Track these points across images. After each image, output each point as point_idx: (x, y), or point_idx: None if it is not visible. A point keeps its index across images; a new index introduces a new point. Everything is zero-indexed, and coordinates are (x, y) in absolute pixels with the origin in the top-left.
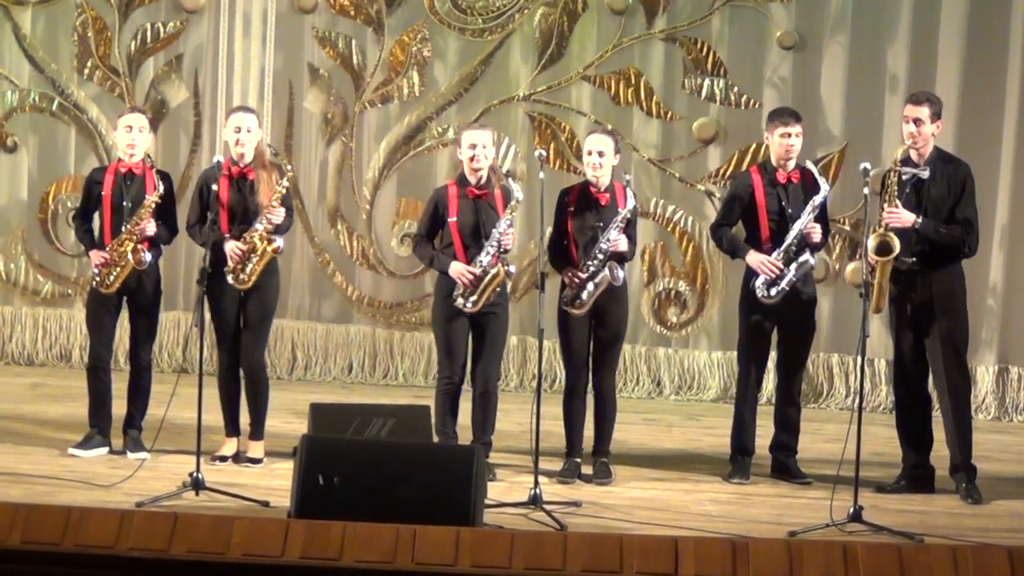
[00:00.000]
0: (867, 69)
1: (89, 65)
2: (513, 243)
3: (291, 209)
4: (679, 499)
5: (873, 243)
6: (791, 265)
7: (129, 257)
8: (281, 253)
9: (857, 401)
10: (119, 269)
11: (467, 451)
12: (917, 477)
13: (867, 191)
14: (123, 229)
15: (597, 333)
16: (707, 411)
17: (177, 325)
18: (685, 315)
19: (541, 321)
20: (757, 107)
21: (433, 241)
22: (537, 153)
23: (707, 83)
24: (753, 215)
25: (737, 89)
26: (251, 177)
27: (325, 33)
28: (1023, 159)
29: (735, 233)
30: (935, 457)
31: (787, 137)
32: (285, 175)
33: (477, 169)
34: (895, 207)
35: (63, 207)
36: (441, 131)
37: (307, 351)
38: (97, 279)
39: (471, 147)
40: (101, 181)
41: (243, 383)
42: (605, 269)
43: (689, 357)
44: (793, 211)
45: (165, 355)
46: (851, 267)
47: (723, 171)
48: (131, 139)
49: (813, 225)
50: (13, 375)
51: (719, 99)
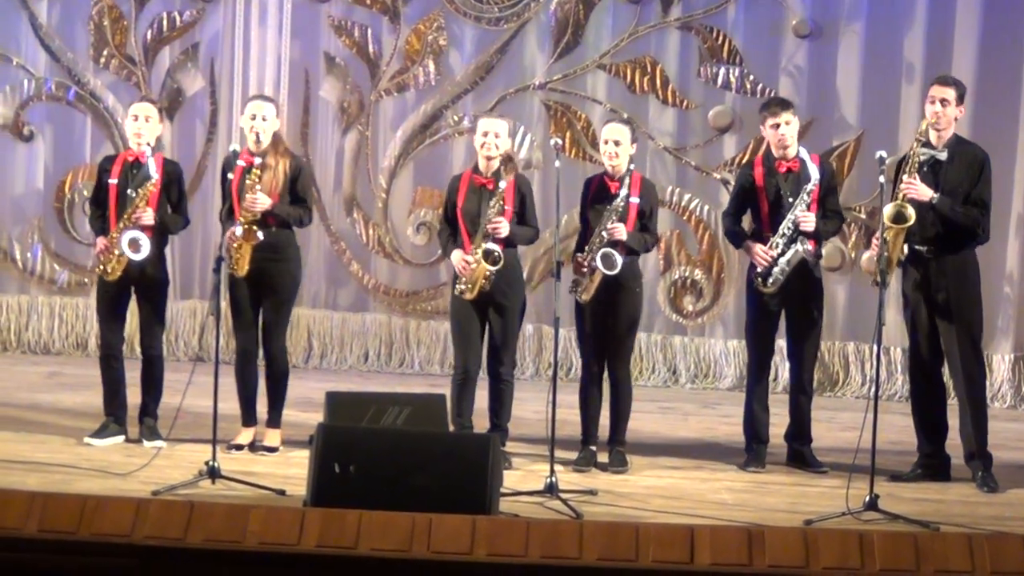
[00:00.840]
0: (883, 57)
1: (105, 54)
2: (505, 231)
3: (302, 200)
4: (695, 487)
5: (890, 211)
6: (786, 254)
7: (124, 246)
8: (259, 240)
9: (873, 389)
10: (115, 258)
11: (483, 440)
12: (933, 465)
13: (883, 179)
14: (122, 218)
15: (610, 322)
16: (723, 399)
17: (193, 314)
18: (701, 303)
19: (557, 309)
20: (773, 95)
21: (455, 227)
22: (553, 142)
23: (723, 71)
24: (755, 205)
25: (753, 77)
26: (257, 166)
27: (341, 22)
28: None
29: (743, 224)
30: (951, 445)
31: (776, 128)
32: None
33: (488, 157)
34: (914, 179)
35: (79, 196)
36: (457, 120)
37: (323, 340)
38: (100, 267)
39: (483, 135)
40: (110, 169)
41: (262, 371)
42: (598, 257)
43: (705, 345)
44: (793, 200)
45: (181, 343)
46: (867, 255)
47: (738, 159)
48: (138, 128)
49: (805, 214)
50: (30, 364)
51: (735, 87)
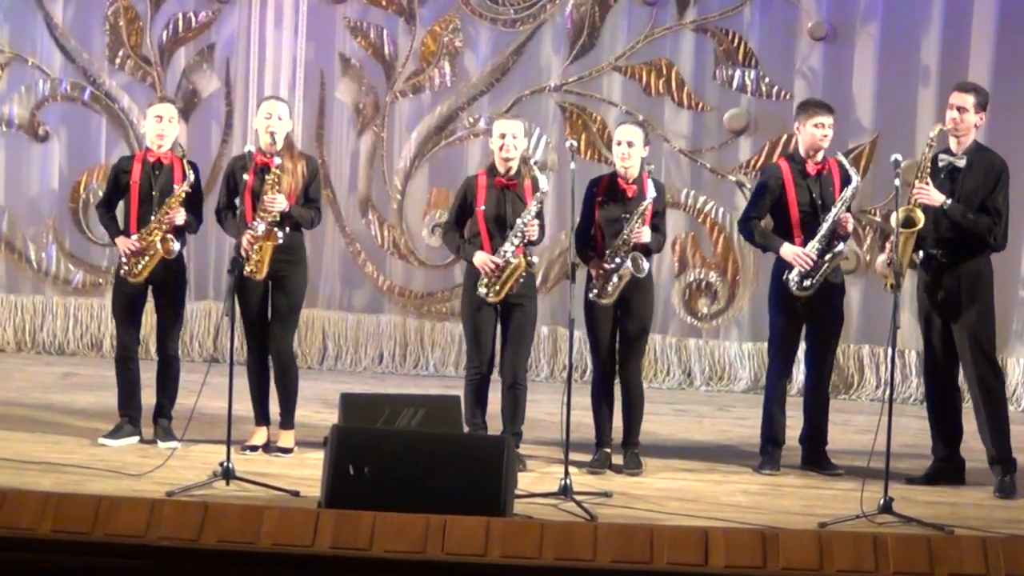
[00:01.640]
0: (898, 60)
1: (121, 55)
2: (539, 234)
3: (313, 201)
4: (709, 490)
5: (900, 216)
6: (825, 256)
7: (158, 246)
8: (280, 242)
9: (888, 392)
10: (147, 258)
11: (497, 441)
12: (947, 468)
13: (898, 183)
14: (152, 218)
15: (623, 324)
16: (737, 402)
17: (208, 315)
18: (716, 306)
19: (572, 311)
20: (788, 98)
21: (462, 230)
22: (568, 144)
23: (738, 74)
24: (783, 207)
25: (768, 80)
26: (273, 166)
27: (357, 23)
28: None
29: (765, 226)
30: (965, 449)
31: (820, 128)
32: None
33: (507, 159)
34: (926, 184)
35: (94, 196)
36: (472, 121)
37: (338, 341)
38: (125, 267)
39: (501, 136)
40: (129, 170)
41: (272, 372)
42: (628, 261)
43: (720, 348)
44: (824, 202)
45: (196, 345)
46: (881, 259)
47: (754, 162)
48: (160, 129)
49: (846, 215)
50: (44, 364)
51: (750, 90)
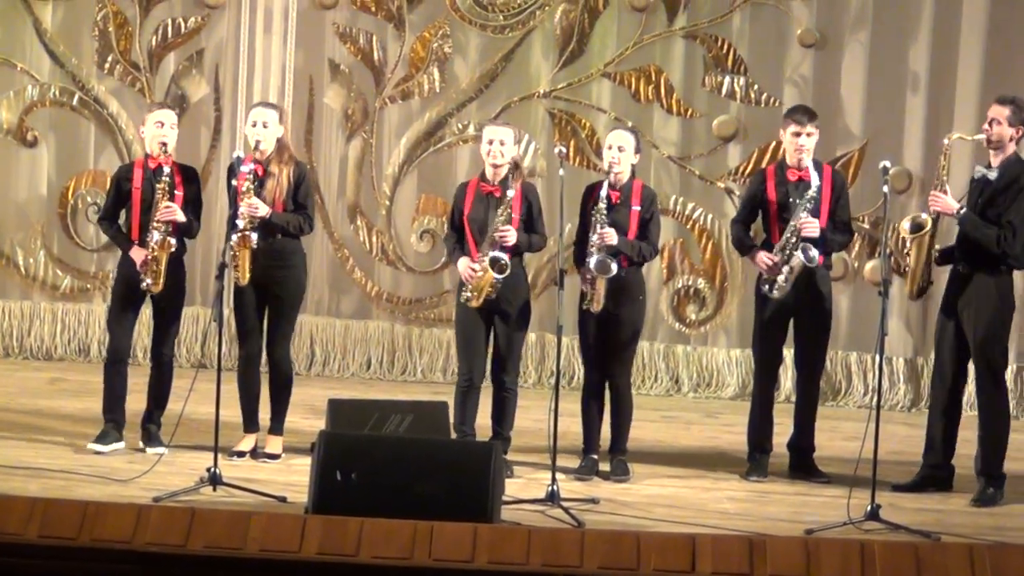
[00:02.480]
0: (888, 67)
1: (110, 60)
2: (512, 239)
3: (302, 207)
4: (697, 496)
5: (907, 223)
6: (787, 262)
7: (159, 249)
8: (252, 246)
9: (875, 399)
10: (157, 265)
11: (485, 448)
12: (937, 476)
13: (886, 189)
14: (151, 224)
15: (612, 332)
16: (725, 408)
17: (196, 320)
18: (704, 312)
19: (560, 318)
20: (777, 105)
21: (461, 234)
22: (557, 150)
23: (727, 80)
24: (766, 213)
25: (757, 87)
26: (260, 174)
27: (346, 29)
28: None
29: (751, 232)
30: (955, 456)
31: (798, 136)
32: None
33: (494, 165)
34: (943, 192)
35: (82, 202)
36: (461, 127)
37: (326, 347)
38: (147, 281)
39: (488, 143)
40: (130, 177)
41: (267, 377)
42: (592, 264)
43: (708, 354)
44: (796, 208)
45: (183, 350)
46: (870, 265)
47: (742, 169)
48: (162, 135)
49: (806, 220)
50: (32, 370)
51: (739, 97)
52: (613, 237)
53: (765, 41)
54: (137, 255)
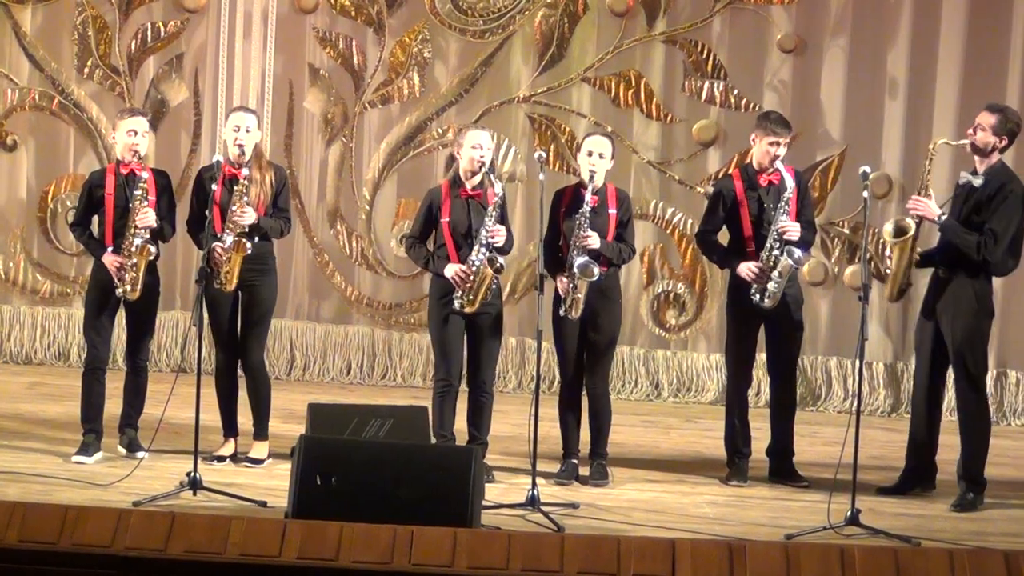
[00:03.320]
0: (867, 72)
1: (89, 64)
2: (503, 239)
3: (282, 210)
4: (676, 501)
5: (890, 227)
6: (775, 270)
7: (138, 255)
8: (246, 251)
9: (855, 404)
10: (135, 272)
11: (465, 452)
12: (919, 475)
13: (866, 194)
14: (127, 231)
15: (590, 337)
16: (705, 413)
17: (176, 325)
18: (684, 317)
19: (540, 323)
20: (757, 110)
21: (426, 242)
22: (537, 155)
23: (707, 86)
24: (736, 219)
25: (737, 92)
26: (241, 178)
27: (326, 33)
28: (1023, 162)
29: (719, 241)
30: (939, 460)
31: (775, 146)
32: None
33: (475, 171)
34: (924, 196)
35: (62, 206)
36: (441, 132)
37: (305, 351)
38: (124, 288)
39: (472, 148)
40: (103, 183)
41: (244, 383)
42: (576, 267)
43: (688, 359)
44: (775, 213)
45: (163, 355)
46: (850, 270)
47: (722, 173)
48: (134, 143)
49: (786, 224)
50: (11, 374)
51: (719, 102)
52: (596, 240)
53: (745, 46)
54: (110, 262)
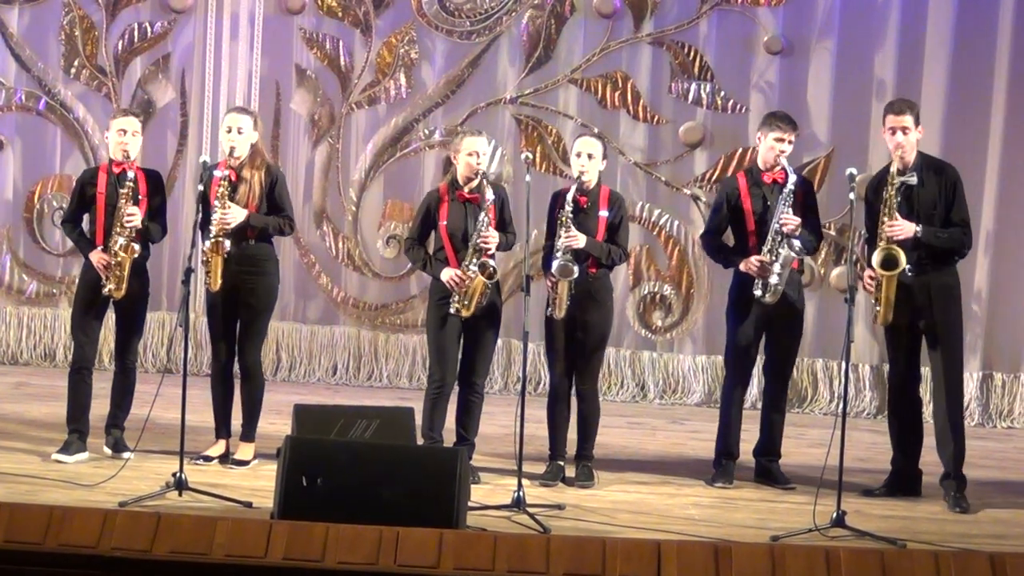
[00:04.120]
0: (854, 74)
1: (76, 64)
2: (495, 244)
3: (280, 209)
4: (662, 503)
5: (878, 257)
6: (777, 261)
7: (123, 253)
8: (224, 252)
9: (841, 406)
10: (120, 271)
11: (451, 453)
12: (905, 479)
13: (852, 196)
14: (114, 230)
15: (579, 338)
16: (691, 415)
17: (162, 325)
18: (670, 319)
19: (526, 324)
20: (744, 111)
21: (424, 244)
22: (524, 156)
23: (694, 87)
24: (740, 218)
25: (724, 93)
26: (234, 179)
27: (312, 34)
28: (1009, 164)
29: (724, 241)
30: (923, 463)
31: (780, 142)
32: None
33: (472, 176)
34: (895, 220)
35: (48, 206)
36: (428, 133)
37: (292, 352)
38: (110, 286)
39: (469, 154)
40: (94, 182)
41: (238, 383)
42: (555, 268)
43: (674, 361)
44: (777, 208)
45: (150, 355)
46: (836, 272)
47: (709, 175)
48: (124, 142)
49: (786, 217)
50: None
51: (706, 103)
52: (580, 240)
53: (732, 48)
54: (97, 259)
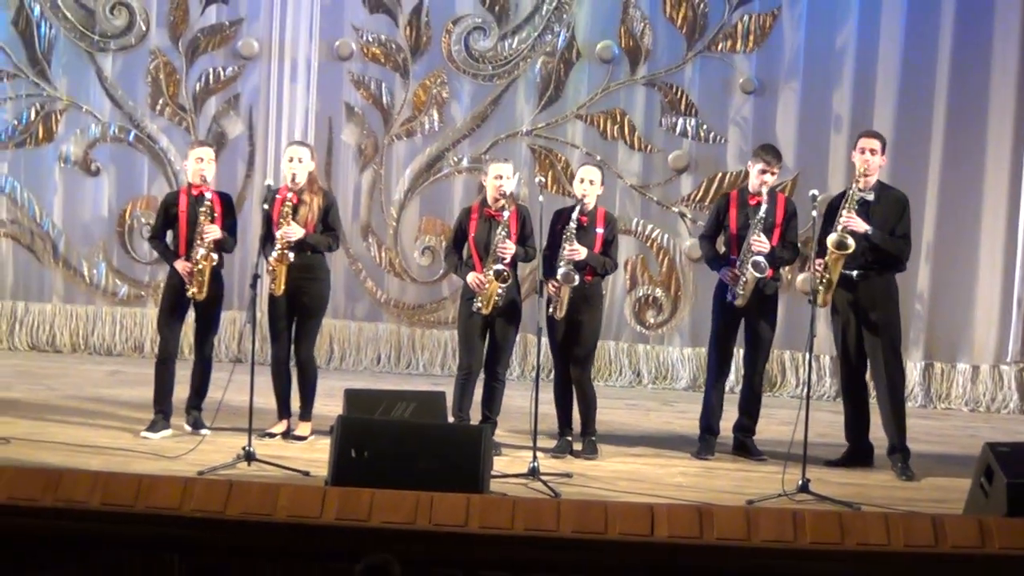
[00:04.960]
0: (816, 110)
1: (160, 102)
2: (511, 254)
3: (332, 229)
4: (655, 472)
5: (833, 239)
6: (743, 276)
7: (204, 262)
8: (288, 262)
9: (805, 391)
10: (202, 277)
11: (477, 430)
12: (859, 452)
13: (815, 214)
14: (195, 242)
15: (576, 335)
16: (679, 398)
17: (233, 322)
18: (661, 317)
19: (540, 321)
20: (723, 142)
21: (460, 251)
22: (537, 180)
23: (680, 121)
24: (727, 232)
25: (706, 127)
26: (295, 202)
27: (359, 77)
28: (947, 186)
29: (716, 247)
30: (873, 437)
31: (764, 173)
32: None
33: (498, 197)
34: (852, 215)
35: (137, 223)
36: (456, 160)
37: (342, 345)
38: (191, 289)
39: (496, 177)
40: (176, 202)
41: (295, 373)
42: (559, 275)
43: (664, 352)
44: (749, 229)
45: (223, 347)
46: (801, 277)
47: (694, 196)
48: (200, 168)
49: (757, 238)
50: (94, 364)
51: (691, 135)
52: (582, 253)
53: (712, 88)
54: (183, 268)
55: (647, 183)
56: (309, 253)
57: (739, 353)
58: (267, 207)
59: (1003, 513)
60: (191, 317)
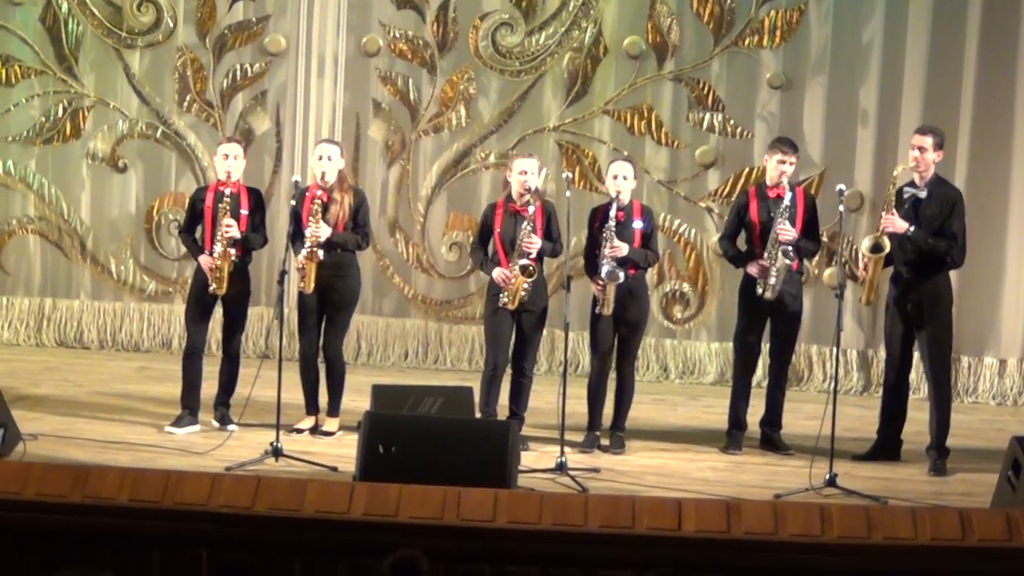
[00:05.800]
0: (842, 105)
1: (188, 99)
2: (536, 248)
3: (360, 226)
4: (682, 467)
5: (868, 243)
6: (774, 265)
7: (221, 260)
8: (318, 260)
9: (832, 385)
10: (221, 273)
11: (504, 425)
12: (888, 447)
13: (842, 208)
14: (216, 237)
15: (622, 330)
16: (706, 393)
17: (261, 318)
18: (688, 311)
19: (567, 316)
20: (750, 137)
21: (486, 247)
22: (565, 175)
23: (708, 117)
24: (748, 226)
25: (733, 122)
26: (325, 200)
27: (387, 73)
28: (974, 180)
29: (737, 245)
30: (908, 432)
31: (782, 164)
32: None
33: (523, 192)
34: (891, 215)
35: (165, 219)
36: (484, 156)
37: (370, 341)
38: (212, 285)
39: (521, 173)
40: (203, 198)
41: (322, 368)
42: (604, 274)
43: (691, 347)
44: (775, 220)
45: (250, 343)
46: (828, 272)
47: (721, 191)
48: (228, 165)
49: (782, 228)
50: (123, 360)
51: (718, 130)
52: (624, 249)
53: (739, 83)
54: (205, 263)
55: (674, 178)
56: (339, 250)
57: (765, 348)
58: (294, 203)
59: None
60: (218, 313)
